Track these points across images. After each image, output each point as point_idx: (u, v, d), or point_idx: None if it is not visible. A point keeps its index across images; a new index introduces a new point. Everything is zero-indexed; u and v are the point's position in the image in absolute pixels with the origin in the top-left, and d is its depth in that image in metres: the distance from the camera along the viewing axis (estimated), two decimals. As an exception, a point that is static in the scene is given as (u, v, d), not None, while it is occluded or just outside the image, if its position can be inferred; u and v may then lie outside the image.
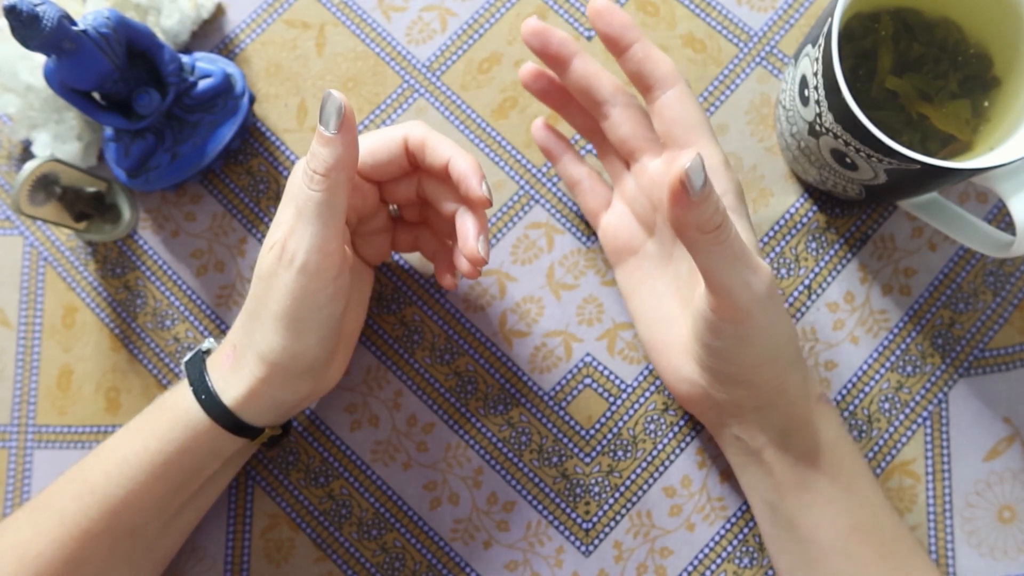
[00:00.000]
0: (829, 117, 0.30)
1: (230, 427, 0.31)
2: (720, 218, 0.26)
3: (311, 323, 0.29)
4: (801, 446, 0.31)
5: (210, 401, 0.31)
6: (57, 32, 0.30)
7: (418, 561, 0.36)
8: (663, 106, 0.31)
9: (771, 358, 0.30)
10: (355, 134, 0.28)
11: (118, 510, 0.31)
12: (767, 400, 0.31)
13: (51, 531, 0.31)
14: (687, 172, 0.24)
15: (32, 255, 0.39)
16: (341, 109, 0.27)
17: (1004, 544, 0.35)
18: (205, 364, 0.32)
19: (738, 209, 0.31)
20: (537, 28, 0.32)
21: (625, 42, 0.31)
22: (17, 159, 0.40)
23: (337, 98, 0.27)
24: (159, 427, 0.31)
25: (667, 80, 0.31)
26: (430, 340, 0.38)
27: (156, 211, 0.39)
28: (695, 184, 0.25)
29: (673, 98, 0.31)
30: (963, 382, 0.37)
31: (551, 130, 0.37)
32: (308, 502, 0.37)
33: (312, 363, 0.31)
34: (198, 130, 0.37)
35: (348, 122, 0.27)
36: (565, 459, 0.37)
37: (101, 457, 0.32)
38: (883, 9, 0.33)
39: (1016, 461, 0.36)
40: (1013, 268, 0.37)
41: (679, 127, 0.31)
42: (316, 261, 0.28)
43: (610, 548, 0.36)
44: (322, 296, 0.29)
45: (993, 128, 0.32)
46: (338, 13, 0.40)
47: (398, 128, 0.31)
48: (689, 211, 0.25)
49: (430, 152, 0.31)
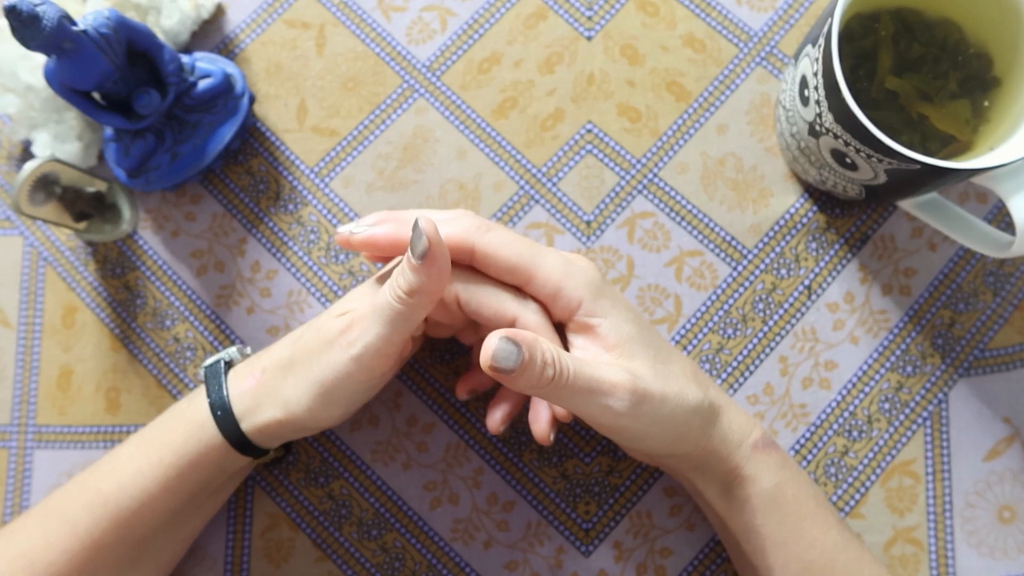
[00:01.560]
0: (829, 117, 0.30)
1: (241, 447, 0.31)
2: (552, 370, 0.25)
3: (343, 401, 0.30)
4: (742, 495, 0.31)
5: (225, 420, 0.31)
6: (57, 32, 0.30)
7: (418, 561, 0.36)
8: (482, 268, 0.30)
9: (677, 437, 0.30)
10: (441, 267, 0.27)
11: (130, 522, 0.31)
12: (700, 461, 0.31)
13: (62, 541, 0.31)
14: (493, 359, 0.24)
15: (32, 255, 0.39)
16: (426, 242, 0.26)
17: (1004, 544, 0.35)
18: (226, 377, 0.32)
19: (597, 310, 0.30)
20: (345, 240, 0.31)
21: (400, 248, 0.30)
22: (17, 159, 0.40)
23: (422, 230, 0.26)
24: (174, 439, 0.31)
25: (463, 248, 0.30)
26: (430, 340, 0.38)
27: (156, 211, 0.39)
28: (506, 366, 0.24)
29: (480, 261, 0.30)
30: (963, 382, 0.37)
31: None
32: (308, 502, 0.37)
33: (330, 425, 0.32)
34: (198, 130, 0.37)
35: (433, 256, 0.26)
36: (565, 459, 0.37)
37: (115, 467, 0.32)
38: (883, 9, 0.33)
39: (1016, 461, 0.36)
40: (1013, 268, 0.37)
41: (505, 277, 0.30)
42: (371, 359, 0.28)
43: (610, 548, 0.36)
44: (364, 385, 0.30)
45: (993, 128, 0.32)
46: (338, 13, 0.40)
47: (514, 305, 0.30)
48: (516, 381, 0.25)
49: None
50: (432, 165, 0.39)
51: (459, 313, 0.31)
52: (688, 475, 0.32)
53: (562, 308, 0.30)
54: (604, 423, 0.28)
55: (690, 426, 0.30)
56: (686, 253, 0.38)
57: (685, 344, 0.37)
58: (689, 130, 0.39)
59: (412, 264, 0.26)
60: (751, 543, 0.31)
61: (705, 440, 0.30)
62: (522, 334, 0.25)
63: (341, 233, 0.31)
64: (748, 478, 0.31)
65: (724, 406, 0.32)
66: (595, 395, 0.27)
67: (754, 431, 0.32)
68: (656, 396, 0.28)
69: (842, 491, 0.36)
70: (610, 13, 0.39)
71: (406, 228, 0.30)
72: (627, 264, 0.38)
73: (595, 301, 0.30)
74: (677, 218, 0.38)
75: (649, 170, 0.38)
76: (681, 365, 0.31)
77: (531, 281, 0.30)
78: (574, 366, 0.26)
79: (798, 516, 0.31)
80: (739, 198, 0.38)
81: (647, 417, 0.28)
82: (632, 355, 0.29)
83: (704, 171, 0.38)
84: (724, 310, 0.37)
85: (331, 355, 0.29)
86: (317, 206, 0.39)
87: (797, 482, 0.32)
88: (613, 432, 0.29)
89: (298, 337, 0.31)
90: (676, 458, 0.31)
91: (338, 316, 0.30)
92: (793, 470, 0.32)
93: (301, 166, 0.39)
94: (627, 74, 0.39)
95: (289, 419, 0.30)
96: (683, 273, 0.38)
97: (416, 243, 0.26)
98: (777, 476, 0.31)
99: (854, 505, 0.36)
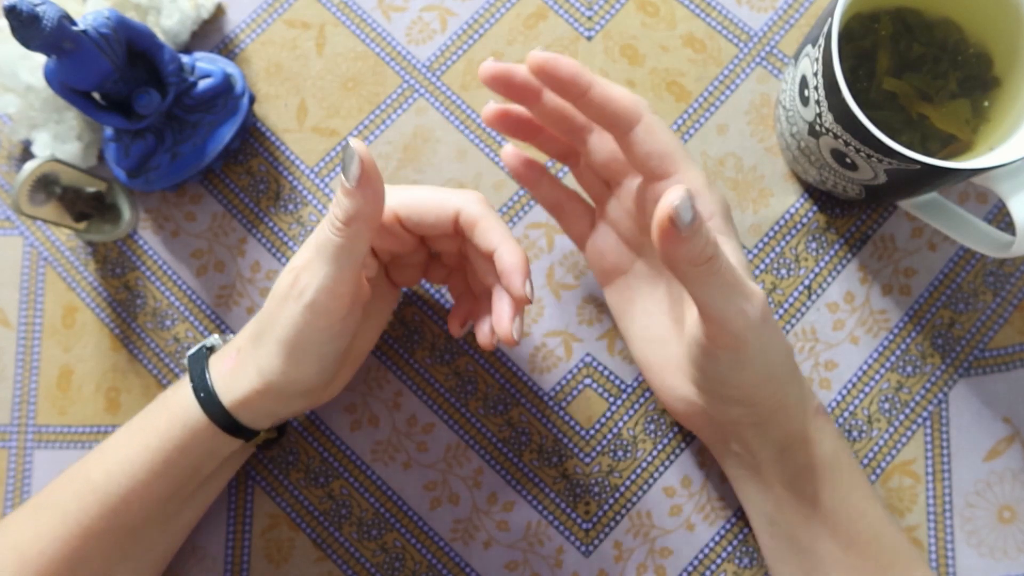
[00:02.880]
0: (829, 117, 0.30)
1: (227, 427, 0.31)
2: (711, 249, 0.25)
3: (312, 355, 0.30)
4: (799, 460, 0.31)
5: (208, 400, 0.31)
6: (57, 32, 0.30)
7: (418, 561, 0.36)
8: (633, 143, 0.30)
9: (768, 377, 0.30)
10: (376, 188, 0.27)
11: (119, 508, 0.31)
12: (766, 417, 0.31)
13: (52, 529, 0.31)
14: (675, 209, 0.24)
15: (32, 255, 0.39)
16: (359, 162, 0.26)
17: (1004, 544, 0.35)
18: (208, 362, 0.32)
19: (726, 230, 0.30)
20: (496, 71, 0.30)
21: (579, 88, 0.29)
22: (17, 159, 0.40)
23: (356, 150, 0.26)
24: (159, 425, 0.31)
25: (631, 117, 0.29)
26: (430, 340, 0.38)
27: (156, 211, 0.39)
28: (683, 220, 0.24)
29: (641, 133, 0.29)
30: (963, 382, 0.37)
31: (522, 157, 0.35)
32: (308, 502, 0.37)
33: (309, 388, 0.31)
34: (198, 130, 0.37)
35: (367, 177, 0.26)
36: (565, 459, 0.37)
37: (103, 455, 0.32)
38: (883, 9, 0.33)
39: (1016, 461, 0.36)
40: (1013, 268, 0.37)
41: (653, 160, 0.30)
42: (324, 301, 0.28)
43: (610, 548, 0.36)
44: (326, 333, 0.29)
45: (993, 128, 0.32)
46: (338, 13, 0.40)
47: (453, 198, 0.30)
48: (679, 247, 0.25)
49: (479, 235, 0.30)
50: (432, 165, 0.39)
51: (405, 235, 0.31)
52: (744, 433, 0.31)
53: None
54: (732, 329, 0.27)
55: (784, 368, 0.30)
56: (686, 253, 0.38)
57: (685, 344, 0.37)
58: (689, 130, 0.39)
59: (346, 189, 0.26)
60: (798, 510, 0.31)
61: (785, 389, 0.30)
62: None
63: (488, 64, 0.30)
64: (809, 441, 0.31)
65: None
66: (736, 293, 0.26)
67: (814, 398, 0.32)
68: (774, 323, 0.28)
69: (842, 491, 0.36)
70: (610, 13, 0.40)
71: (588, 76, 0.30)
72: (627, 264, 0.38)
73: (725, 222, 0.30)
74: (677, 218, 0.38)
75: (649, 170, 0.38)
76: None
77: (675, 176, 0.30)
78: (726, 258, 0.26)
79: (851, 485, 0.31)
80: (739, 198, 0.38)
81: (764, 339, 0.28)
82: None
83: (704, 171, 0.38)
84: (724, 310, 0.37)
85: (286, 311, 0.29)
86: (317, 206, 0.39)
87: (849, 452, 0.32)
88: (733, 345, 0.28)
89: (263, 309, 0.31)
90: (751, 405, 0.30)
91: (287, 274, 0.30)
92: (845, 440, 0.32)
93: (301, 166, 0.39)
94: (627, 74, 0.39)
95: (267, 386, 0.30)
96: (683, 273, 0.38)
97: (349, 165, 0.26)
98: (836, 443, 0.31)
99: (854, 505, 0.36)
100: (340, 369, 0.33)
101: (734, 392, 0.30)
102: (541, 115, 0.32)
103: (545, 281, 0.38)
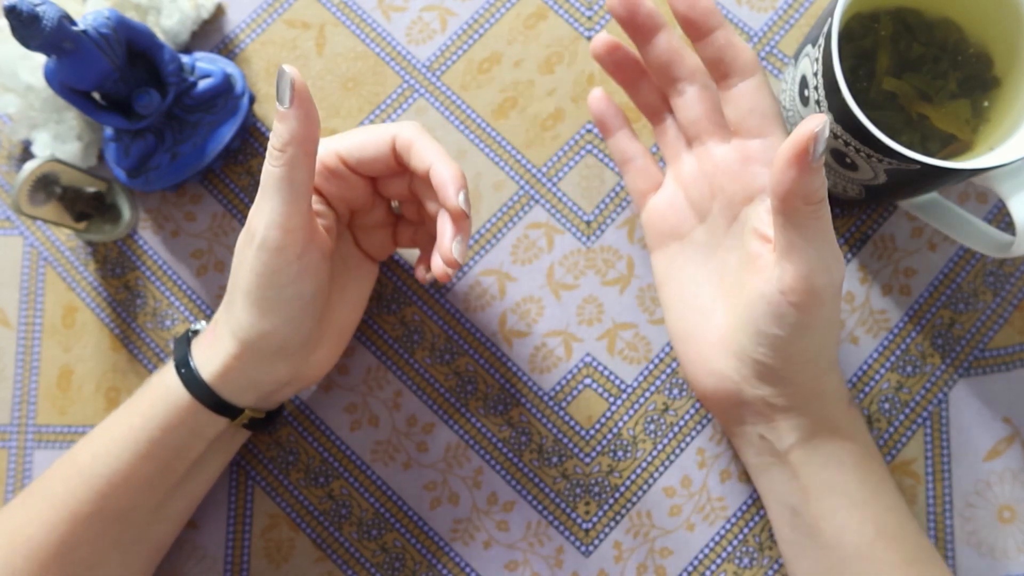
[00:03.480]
0: (829, 117, 0.30)
1: (209, 403, 0.31)
2: (824, 192, 0.25)
3: (276, 302, 0.29)
4: (830, 449, 0.30)
5: (189, 375, 0.31)
6: (57, 32, 0.30)
7: (418, 561, 0.36)
8: (740, 94, 0.30)
9: (818, 356, 0.29)
10: (309, 109, 0.27)
11: (105, 491, 0.31)
12: (801, 400, 0.30)
13: (41, 514, 0.31)
14: (817, 134, 0.24)
15: (32, 255, 0.39)
16: (291, 83, 0.26)
17: (1004, 544, 0.35)
18: (191, 343, 0.33)
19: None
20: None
21: (708, 27, 0.30)
22: (17, 159, 0.40)
23: (288, 73, 0.26)
24: (143, 405, 0.32)
25: (747, 69, 0.30)
26: (430, 340, 0.38)
27: (156, 211, 0.39)
28: (818, 150, 0.24)
29: (751, 86, 0.30)
30: (963, 382, 0.37)
31: (610, 102, 0.36)
32: (308, 502, 0.37)
33: (283, 343, 0.31)
34: (198, 130, 0.37)
35: (300, 96, 0.27)
36: (565, 459, 0.37)
37: (90, 439, 0.32)
38: (883, 9, 0.33)
39: (1016, 461, 0.36)
40: (1013, 268, 0.37)
41: (755, 117, 0.30)
42: (276, 237, 0.28)
43: (610, 548, 0.36)
44: (285, 274, 0.29)
45: (993, 128, 0.32)
46: (338, 13, 0.40)
47: (389, 127, 0.31)
48: (804, 176, 0.25)
49: (415, 156, 0.30)
50: (432, 165, 0.39)
51: (353, 176, 0.32)
52: (775, 416, 0.31)
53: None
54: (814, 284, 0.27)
55: (831, 351, 0.30)
56: (686, 253, 0.38)
57: (685, 344, 0.37)
58: (689, 130, 0.39)
59: (280, 113, 0.27)
60: (825, 501, 0.30)
61: (826, 376, 0.30)
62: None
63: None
64: (840, 431, 0.31)
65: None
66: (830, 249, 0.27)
67: (848, 392, 0.32)
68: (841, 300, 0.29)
69: (842, 491, 0.36)
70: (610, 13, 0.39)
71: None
72: (627, 264, 0.38)
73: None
74: (677, 218, 0.38)
75: (649, 170, 0.38)
76: None
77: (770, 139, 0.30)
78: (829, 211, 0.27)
79: (879, 478, 0.31)
80: (739, 198, 0.38)
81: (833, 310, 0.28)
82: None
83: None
84: (724, 310, 0.37)
85: (244, 258, 0.29)
86: (317, 206, 0.39)
87: (876, 447, 0.32)
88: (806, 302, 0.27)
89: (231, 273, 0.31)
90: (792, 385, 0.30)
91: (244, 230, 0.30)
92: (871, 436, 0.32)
93: (301, 166, 0.39)
94: (627, 74, 0.39)
95: (241, 346, 0.30)
96: (683, 273, 0.38)
97: (282, 87, 0.26)
98: (867, 438, 0.31)
99: (854, 505, 0.36)
100: (318, 333, 0.32)
101: (781, 365, 0.29)
102: (650, 57, 0.32)
103: (545, 281, 0.38)
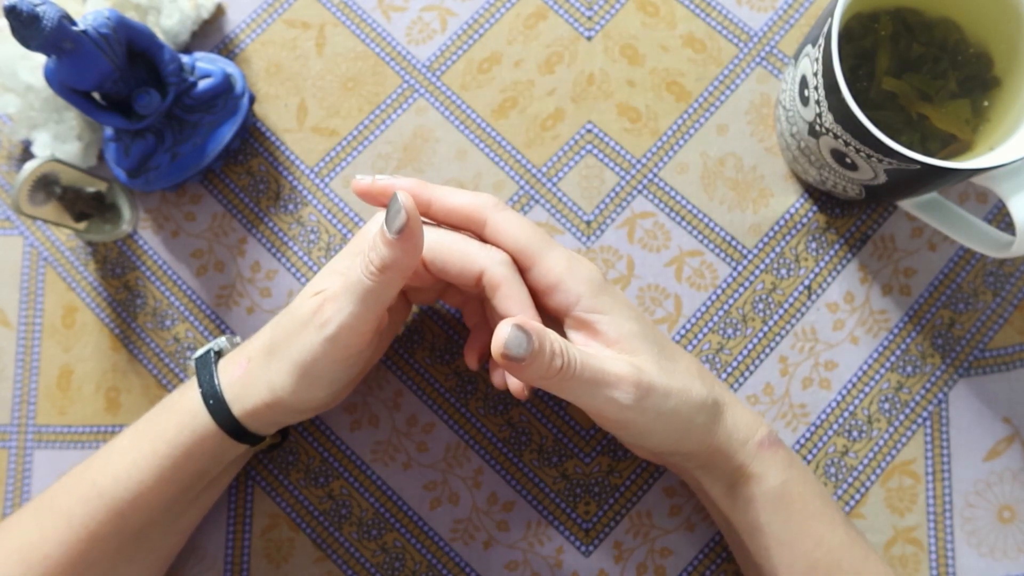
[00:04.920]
0: (829, 117, 0.30)
1: (234, 434, 0.31)
2: (560, 360, 0.26)
3: (325, 380, 0.30)
4: (748, 494, 0.31)
5: (218, 407, 0.31)
6: (57, 32, 0.30)
7: (418, 561, 0.36)
8: (491, 240, 0.30)
9: (684, 432, 0.30)
10: (417, 243, 0.26)
11: (126, 513, 0.31)
12: (705, 460, 0.31)
13: (58, 533, 0.31)
14: (506, 347, 0.24)
15: (32, 255, 0.39)
16: (404, 217, 0.25)
17: (1004, 544, 0.35)
18: (216, 367, 0.32)
19: (597, 306, 0.29)
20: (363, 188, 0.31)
21: (422, 204, 0.30)
22: (17, 159, 0.40)
23: (402, 205, 0.25)
24: (167, 430, 0.31)
25: (474, 222, 0.30)
26: (430, 340, 0.38)
27: (156, 211, 0.39)
28: (518, 352, 0.25)
29: (489, 235, 0.30)
30: (963, 382, 0.37)
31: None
32: (308, 502, 0.37)
33: (320, 406, 0.32)
34: (198, 130, 0.37)
35: (410, 231, 0.26)
36: (565, 459, 0.37)
37: (109, 459, 0.32)
38: (883, 9, 0.33)
39: (1016, 461, 0.36)
40: (1013, 268, 0.37)
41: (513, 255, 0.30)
42: (346, 337, 0.28)
43: (610, 548, 0.36)
44: (342, 364, 0.29)
45: (993, 128, 0.32)
46: (338, 13, 0.40)
47: (480, 256, 0.29)
48: (523, 372, 0.25)
49: (499, 301, 0.29)
50: (432, 165, 0.39)
51: (427, 275, 0.31)
52: (694, 473, 0.32)
53: (560, 301, 0.30)
54: (609, 416, 0.28)
55: (695, 422, 0.30)
56: (686, 253, 0.38)
57: (685, 344, 0.37)
58: (689, 130, 0.39)
59: (387, 239, 0.26)
60: (757, 542, 0.31)
61: (710, 438, 0.30)
62: (531, 324, 0.25)
63: (361, 180, 0.31)
64: (754, 476, 0.31)
65: (729, 403, 0.32)
66: (600, 387, 0.27)
67: (760, 429, 0.32)
68: (660, 390, 0.28)
69: (842, 491, 0.36)
70: (610, 13, 0.40)
71: (428, 190, 0.31)
72: (627, 264, 0.38)
73: (595, 297, 0.30)
74: (677, 218, 0.38)
75: (649, 170, 0.38)
76: (686, 362, 0.31)
77: (534, 267, 0.30)
78: (580, 357, 0.26)
79: (804, 514, 0.31)
80: (739, 198, 0.38)
81: (651, 411, 0.28)
82: (635, 351, 0.29)
83: (704, 171, 0.38)
84: (724, 310, 0.37)
85: (306, 336, 0.29)
86: (317, 206, 0.39)
87: (803, 480, 0.32)
88: (619, 427, 0.29)
89: (277, 322, 0.31)
90: (681, 456, 0.31)
91: (312, 296, 0.30)
92: (799, 468, 0.32)
93: (301, 166, 0.39)
94: (627, 74, 0.39)
95: (276, 402, 0.30)
96: (683, 273, 0.38)
97: (393, 218, 0.26)
98: (783, 474, 0.31)
99: (854, 505, 0.36)
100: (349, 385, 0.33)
101: (659, 447, 0.31)
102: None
103: (545, 281, 0.38)
